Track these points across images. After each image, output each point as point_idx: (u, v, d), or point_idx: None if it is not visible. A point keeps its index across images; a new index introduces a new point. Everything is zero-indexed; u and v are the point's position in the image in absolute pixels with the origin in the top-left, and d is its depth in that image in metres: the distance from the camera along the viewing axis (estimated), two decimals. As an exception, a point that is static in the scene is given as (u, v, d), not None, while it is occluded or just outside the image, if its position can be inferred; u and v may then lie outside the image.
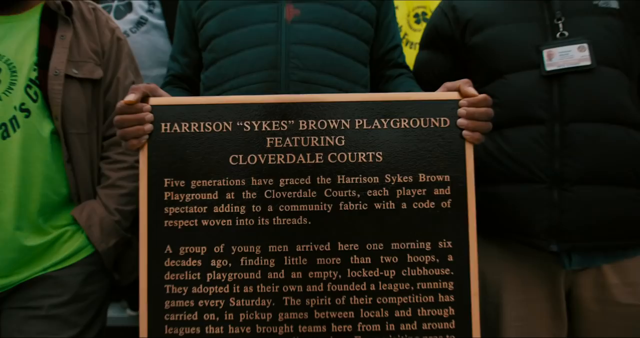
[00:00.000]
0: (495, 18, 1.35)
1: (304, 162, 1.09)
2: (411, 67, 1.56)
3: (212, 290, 1.07)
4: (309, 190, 1.08)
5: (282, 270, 1.07)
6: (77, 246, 1.33)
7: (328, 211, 1.08)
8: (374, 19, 1.41)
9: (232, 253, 1.08)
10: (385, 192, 1.08)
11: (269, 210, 1.08)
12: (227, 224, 1.08)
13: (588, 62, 1.22)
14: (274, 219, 1.08)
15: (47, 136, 1.27)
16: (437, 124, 1.10)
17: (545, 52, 1.25)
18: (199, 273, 1.08)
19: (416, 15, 2.03)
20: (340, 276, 1.07)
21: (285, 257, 1.08)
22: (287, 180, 1.09)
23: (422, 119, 1.10)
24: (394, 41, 1.49)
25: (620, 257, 1.25)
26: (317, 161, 1.09)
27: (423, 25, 1.94)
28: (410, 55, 1.74)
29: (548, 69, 1.24)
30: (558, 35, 1.27)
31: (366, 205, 1.08)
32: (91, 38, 1.40)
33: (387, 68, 1.48)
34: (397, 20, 1.59)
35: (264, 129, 1.10)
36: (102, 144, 1.42)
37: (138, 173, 1.29)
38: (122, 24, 1.78)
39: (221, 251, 1.08)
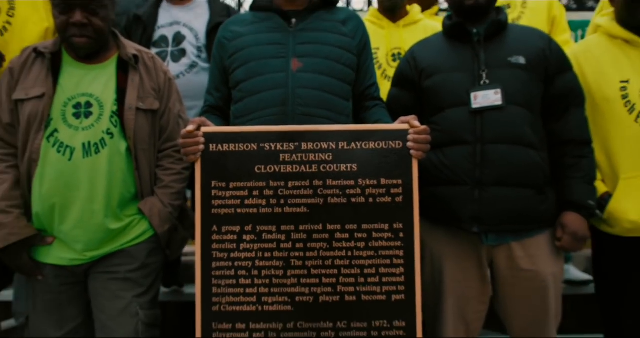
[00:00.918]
0: (440, 68, 1.90)
1: (304, 171, 1.64)
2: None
3: (243, 255, 1.62)
4: (308, 189, 1.63)
5: (290, 242, 1.62)
6: (143, 230, 1.87)
7: (320, 203, 1.63)
8: (356, 66, 1.95)
9: (257, 231, 1.63)
10: (359, 191, 1.63)
11: (281, 202, 1.63)
12: (253, 212, 1.63)
13: (500, 103, 1.77)
14: (284, 208, 1.63)
15: (123, 152, 1.82)
16: (394, 146, 1.65)
17: (472, 95, 1.81)
18: (234, 244, 1.62)
19: (393, 55, 2.58)
20: (328, 246, 1.62)
21: (292, 234, 1.62)
22: (293, 182, 1.64)
23: (383, 142, 1.65)
24: (370, 81, 2.03)
25: (523, 236, 1.80)
26: (314, 170, 1.64)
27: (398, 62, 2.47)
28: (387, 86, 2.27)
29: (474, 107, 1.80)
30: (482, 82, 1.82)
31: (346, 199, 1.63)
32: (151, 79, 1.94)
33: (366, 100, 2.02)
34: (374, 63, 2.15)
35: (278, 149, 1.65)
36: (158, 156, 1.95)
37: (184, 177, 1.85)
38: (178, 66, 2.33)
39: (249, 230, 1.63)
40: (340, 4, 3.76)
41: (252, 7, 2.03)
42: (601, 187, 1.94)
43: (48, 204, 1.76)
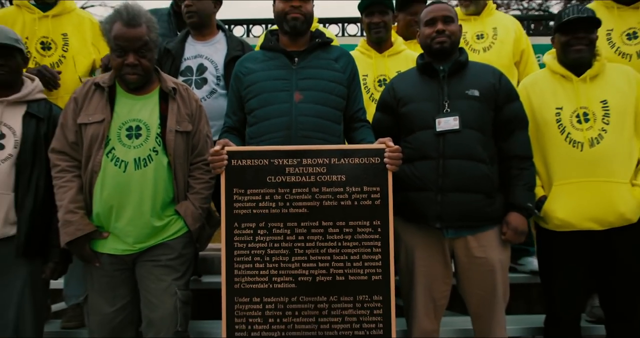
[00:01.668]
0: (413, 98, 2.40)
1: (304, 180, 2.15)
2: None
3: (257, 245, 2.13)
4: (307, 194, 2.14)
5: (294, 235, 2.13)
6: (179, 227, 2.37)
7: (317, 206, 2.14)
8: (346, 96, 2.46)
9: (268, 227, 2.14)
10: (346, 196, 2.15)
11: (287, 204, 2.14)
12: (265, 212, 2.14)
13: (457, 127, 2.27)
14: (289, 209, 2.14)
15: (165, 165, 2.32)
16: (373, 161, 2.16)
17: (437, 121, 2.31)
18: (251, 237, 2.14)
19: (379, 81, 3.06)
20: (323, 238, 2.13)
21: (295, 229, 2.14)
22: (296, 189, 2.15)
23: (365, 158, 2.16)
24: (358, 106, 2.54)
25: (477, 231, 2.30)
26: (312, 180, 2.15)
27: (383, 87, 2.96)
28: (373, 107, 2.74)
29: (438, 130, 2.30)
30: (444, 111, 2.32)
31: (336, 202, 2.14)
32: (186, 106, 2.44)
33: (354, 122, 2.52)
34: (363, 87, 2.66)
35: (284, 163, 2.16)
36: (190, 167, 2.45)
37: (211, 185, 2.36)
38: (200, 93, 2.82)
39: (262, 226, 2.14)
40: (336, 29, 4.33)
41: (262, 46, 2.55)
42: (539, 192, 2.45)
43: (107, 206, 2.27)
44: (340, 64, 2.47)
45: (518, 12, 19.68)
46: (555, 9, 19.30)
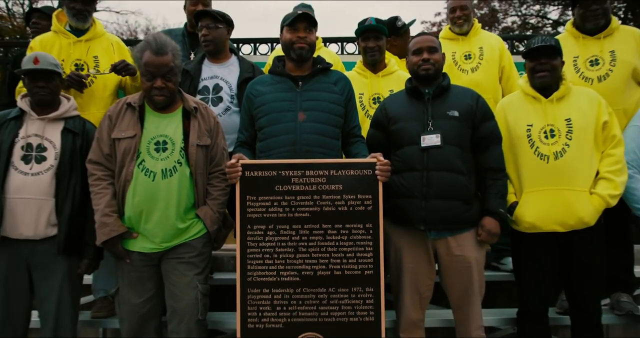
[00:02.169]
0: (402, 118, 2.77)
1: (307, 189, 2.52)
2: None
3: (267, 244, 2.50)
4: (310, 201, 2.51)
5: (298, 236, 2.50)
6: (199, 228, 2.74)
7: (318, 211, 2.51)
8: (343, 114, 2.83)
9: (276, 228, 2.51)
10: (343, 202, 2.52)
11: (292, 210, 2.51)
12: (274, 216, 2.52)
13: (439, 143, 2.64)
14: (294, 214, 2.51)
15: (188, 175, 2.69)
16: (366, 173, 2.53)
17: (422, 138, 2.67)
18: (261, 237, 2.51)
19: (373, 99, 3.42)
20: (322, 239, 2.50)
21: (299, 230, 2.51)
22: (300, 197, 2.52)
23: (359, 171, 2.53)
24: (354, 123, 2.90)
25: (456, 233, 2.67)
26: (314, 189, 2.52)
27: (377, 105, 3.31)
28: (368, 123, 3.11)
29: (422, 145, 2.66)
30: (428, 129, 2.68)
31: (334, 208, 2.51)
32: (205, 123, 2.80)
33: (350, 138, 2.89)
34: (359, 105, 3.03)
35: (290, 174, 2.53)
36: (208, 176, 2.82)
37: (227, 192, 2.72)
38: (216, 110, 3.17)
39: (271, 228, 2.51)
40: (335, 48, 4.72)
41: (270, 71, 2.92)
42: (512, 198, 2.81)
43: (137, 210, 2.64)
44: (339, 87, 2.84)
45: (516, 18, 20.16)
46: (553, 14, 19.69)
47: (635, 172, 2.86)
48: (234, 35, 3.63)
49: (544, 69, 2.75)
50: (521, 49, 4.96)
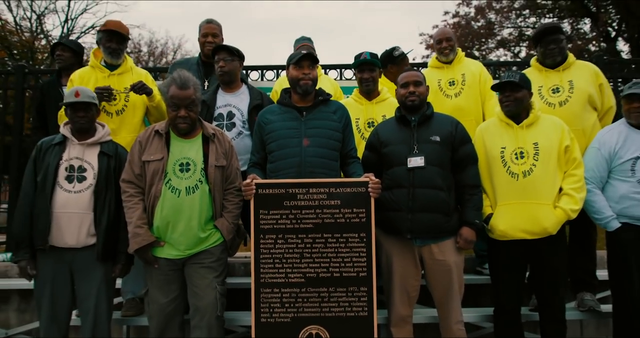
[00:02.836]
0: (392, 142, 3.22)
1: (311, 204, 2.98)
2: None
3: (277, 251, 2.96)
4: (313, 214, 2.97)
5: (303, 244, 2.96)
6: (217, 237, 3.18)
7: (320, 222, 2.97)
8: (341, 139, 3.29)
9: (284, 237, 2.97)
10: (341, 215, 2.97)
11: (298, 221, 2.97)
12: (283, 227, 2.97)
13: (423, 164, 3.09)
14: (300, 225, 2.97)
15: (207, 192, 3.14)
16: (360, 190, 2.99)
17: (408, 159, 3.12)
18: (272, 245, 2.97)
19: (368, 123, 3.85)
20: (324, 246, 2.96)
21: (304, 239, 2.97)
22: (304, 210, 2.98)
23: (355, 188, 2.99)
24: (350, 146, 3.36)
25: (438, 241, 3.12)
26: (316, 204, 2.98)
27: (372, 128, 3.75)
28: (363, 144, 3.56)
29: (409, 166, 3.11)
30: (414, 152, 3.14)
31: (334, 220, 2.97)
32: (222, 147, 3.26)
33: (348, 159, 3.35)
34: (355, 128, 3.49)
35: (296, 192, 2.99)
36: (224, 192, 3.27)
37: (240, 206, 3.18)
38: (230, 134, 3.63)
39: (280, 237, 2.97)
40: (334, 74, 5.19)
41: (278, 102, 3.38)
42: (488, 210, 3.26)
43: (165, 222, 3.09)
44: (337, 115, 3.30)
45: (512, 28, 20.51)
46: None
47: (594, 187, 3.31)
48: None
49: (508, 101, 3.21)
50: (502, 74, 5.42)
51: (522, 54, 20.02)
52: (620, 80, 5.30)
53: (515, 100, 3.22)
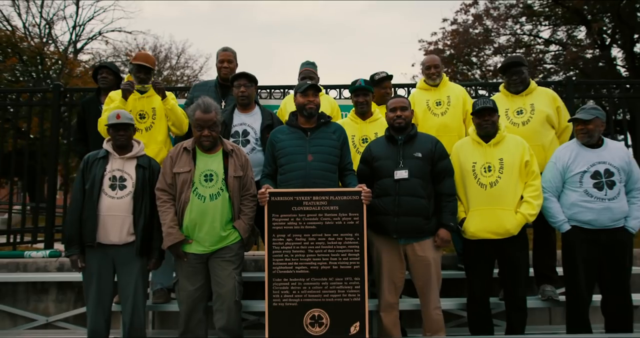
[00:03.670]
0: (381, 157, 3.86)
1: (314, 209, 3.63)
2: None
3: (287, 247, 3.61)
4: (316, 218, 3.62)
5: (308, 242, 3.61)
6: (236, 236, 3.82)
7: (322, 224, 3.62)
8: (339, 155, 3.93)
9: (292, 237, 3.62)
10: (339, 218, 3.62)
11: (303, 223, 3.62)
12: (291, 228, 3.62)
13: (407, 177, 3.73)
14: (305, 226, 3.62)
15: (227, 198, 3.77)
16: (355, 198, 3.64)
17: (395, 172, 3.76)
18: (282, 243, 3.61)
19: (362, 140, 4.48)
20: (325, 244, 3.60)
21: (309, 238, 3.61)
22: (309, 214, 3.62)
23: (350, 196, 3.64)
24: (347, 160, 4.00)
25: (419, 239, 3.76)
26: (319, 209, 3.63)
27: (366, 144, 4.39)
28: (358, 158, 4.20)
29: (395, 178, 3.75)
30: (400, 166, 3.78)
31: (333, 222, 3.62)
32: (239, 160, 3.89)
33: (345, 171, 3.99)
34: (351, 144, 4.14)
35: (302, 199, 3.64)
36: (241, 198, 3.90)
37: (255, 210, 3.84)
38: (245, 149, 4.25)
39: (289, 236, 3.62)
40: (334, 94, 5.87)
41: (287, 123, 4.02)
42: (462, 215, 3.90)
43: (192, 223, 3.73)
44: (336, 135, 3.95)
45: (509, 35, 20.78)
46: (545, 33, 20.36)
47: (550, 195, 3.95)
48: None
49: (487, 124, 3.86)
50: (482, 92, 6.08)
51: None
52: (588, 99, 5.95)
53: (493, 123, 3.86)
